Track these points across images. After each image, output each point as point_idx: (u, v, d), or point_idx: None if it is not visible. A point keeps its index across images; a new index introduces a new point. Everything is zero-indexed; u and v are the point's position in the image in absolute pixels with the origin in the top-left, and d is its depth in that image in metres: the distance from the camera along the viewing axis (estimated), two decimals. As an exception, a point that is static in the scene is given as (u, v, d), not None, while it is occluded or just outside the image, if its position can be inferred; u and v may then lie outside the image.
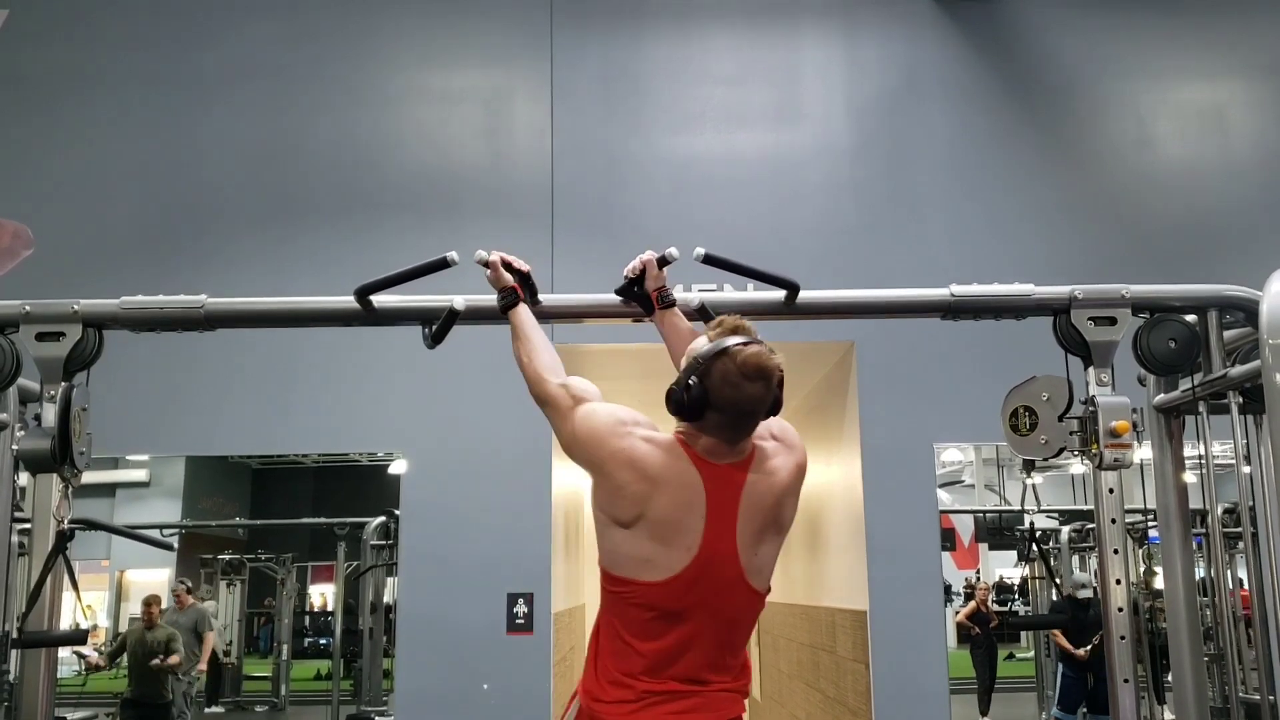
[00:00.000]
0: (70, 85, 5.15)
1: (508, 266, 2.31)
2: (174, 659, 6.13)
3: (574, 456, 2.00)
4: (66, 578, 2.50)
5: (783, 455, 2.03)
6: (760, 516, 1.96)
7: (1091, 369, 2.50)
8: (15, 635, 2.42)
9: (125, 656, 6.20)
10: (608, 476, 1.93)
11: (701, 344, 1.98)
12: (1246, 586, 2.89)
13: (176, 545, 6.85)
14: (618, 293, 2.44)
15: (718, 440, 1.94)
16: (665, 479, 1.91)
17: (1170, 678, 2.77)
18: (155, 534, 6.42)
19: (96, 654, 6.31)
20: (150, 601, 6.23)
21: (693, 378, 1.93)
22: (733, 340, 1.94)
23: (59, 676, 2.60)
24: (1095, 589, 6.33)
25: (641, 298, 2.40)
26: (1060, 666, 6.30)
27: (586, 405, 2.01)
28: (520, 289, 2.31)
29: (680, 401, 1.93)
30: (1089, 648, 5.97)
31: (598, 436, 1.95)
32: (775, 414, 2.01)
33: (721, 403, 1.91)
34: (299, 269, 4.91)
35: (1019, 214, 5.12)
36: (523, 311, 2.27)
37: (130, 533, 4.34)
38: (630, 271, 2.40)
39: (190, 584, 6.63)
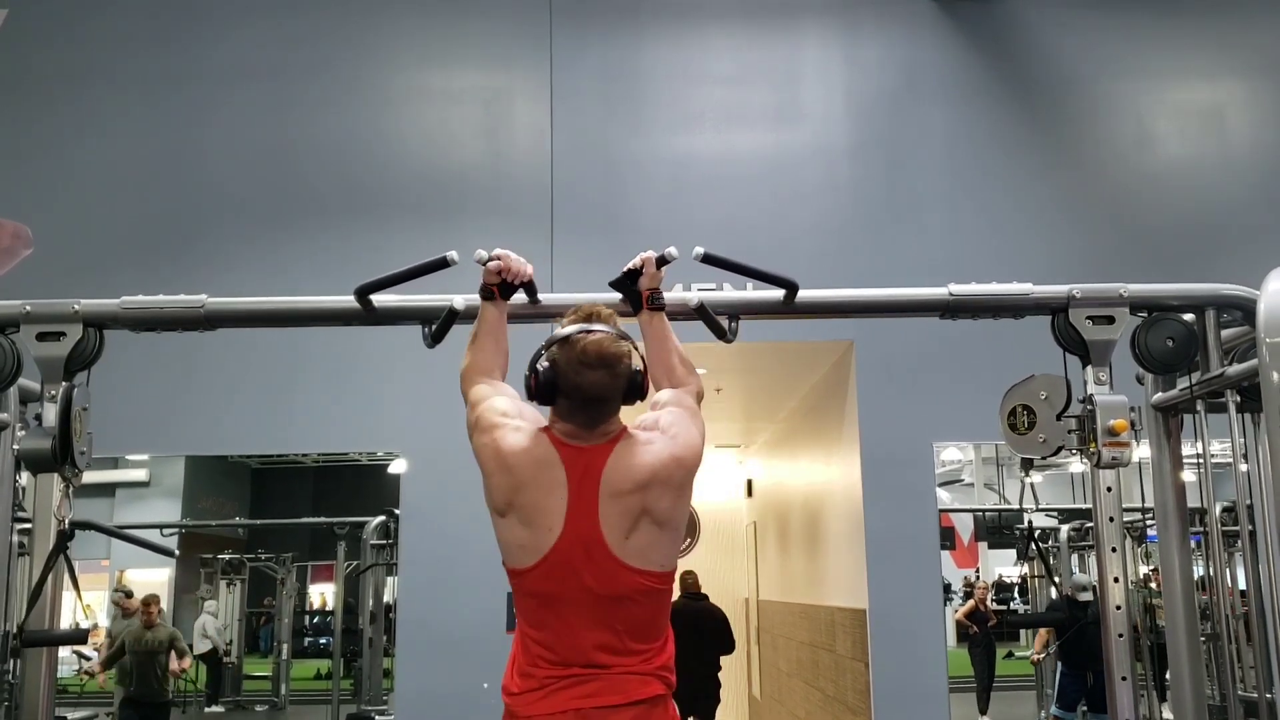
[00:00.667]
0: (70, 85, 5.15)
1: (502, 273, 2.28)
2: (186, 662, 6.20)
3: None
4: (67, 577, 2.50)
5: (658, 444, 2.02)
6: (625, 500, 1.96)
7: (1090, 368, 2.51)
8: (16, 635, 2.42)
9: (127, 657, 6.21)
10: (481, 468, 2.03)
11: (557, 330, 2.04)
12: (1233, 585, 2.90)
13: (178, 551, 6.85)
14: (611, 284, 2.43)
15: (573, 425, 2.00)
16: (526, 465, 1.97)
17: (1169, 675, 2.77)
18: (155, 534, 6.43)
19: (95, 655, 6.30)
20: (149, 601, 6.24)
21: (540, 364, 2.00)
22: (578, 328, 1.99)
23: (58, 676, 2.60)
24: (1095, 587, 6.35)
25: (633, 294, 2.40)
26: (1059, 665, 6.31)
27: (481, 404, 2.09)
28: (497, 290, 2.29)
29: (529, 387, 2.02)
30: (1046, 654, 5.96)
31: (474, 432, 2.05)
32: (635, 400, 2.05)
33: (568, 389, 1.98)
34: (299, 269, 4.92)
35: (1017, 213, 5.13)
36: (487, 309, 2.28)
37: (132, 537, 4.33)
38: (629, 267, 2.39)
39: (130, 591, 6.64)
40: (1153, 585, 6.07)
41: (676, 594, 7.93)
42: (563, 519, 1.94)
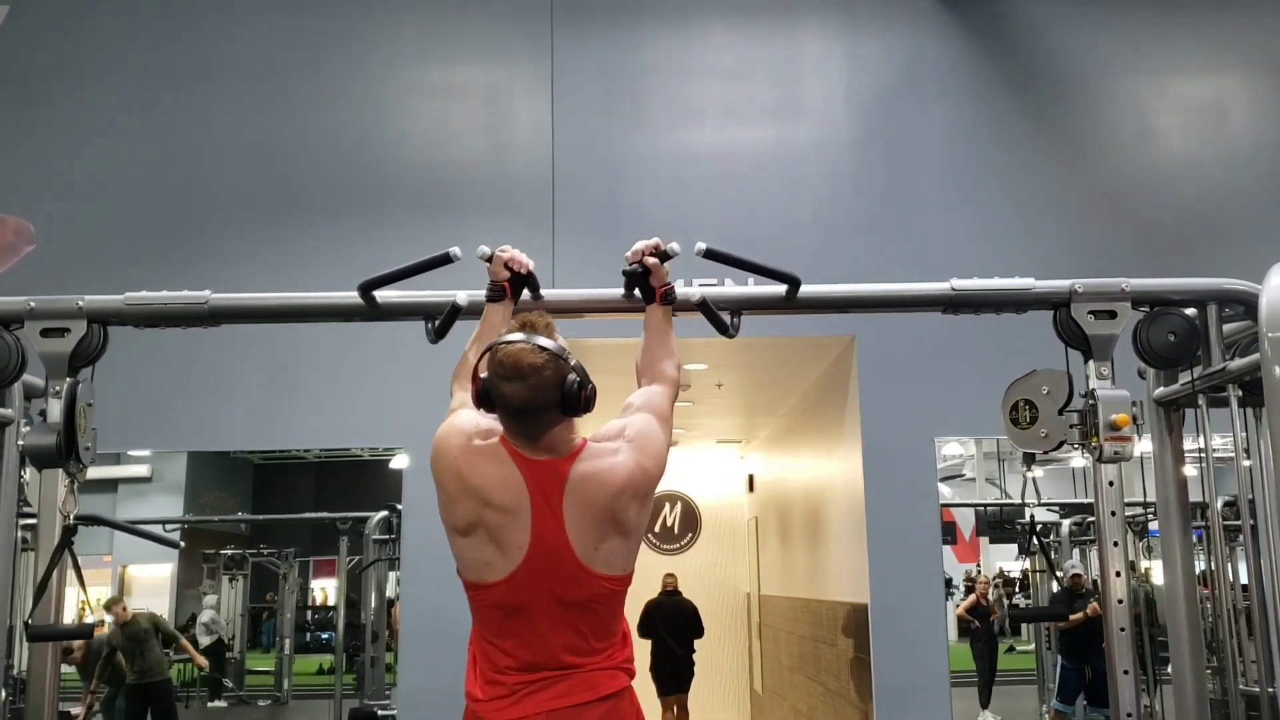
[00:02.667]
0: (73, 81, 5.15)
1: (508, 265, 2.32)
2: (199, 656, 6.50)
3: None
4: (72, 572, 2.51)
5: (623, 454, 1.99)
6: (592, 513, 1.95)
7: (1091, 362, 2.51)
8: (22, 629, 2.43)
9: (119, 653, 6.28)
10: (442, 489, 1.98)
11: None
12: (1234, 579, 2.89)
13: (183, 543, 6.88)
14: (624, 274, 2.42)
15: (516, 435, 1.97)
16: (490, 486, 1.94)
17: (1170, 669, 2.78)
18: (159, 529, 6.46)
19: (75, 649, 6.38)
20: (110, 604, 6.32)
21: (481, 372, 1.99)
22: (505, 338, 1.97)
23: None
24: (1078, 573, 6.36)
25: (647, 288, 2.38)
26: (1059, 659, 6.32)
27: (449, 416, 2.07)
28: (509, 287, 2.32)
29: (475, 395, 2.01)
30: (1078, 615, 5.95)
31: (435, 451, 2.01)
32: (576, 412, 1.97)
33: (497, 399, 1.96)
34: (302, 265, 4.92)
35: (1019, 208, 5.12)
36: (493, 310, 2.30)
37: (137, 530, 4.35)
38: (634, 256, 2.36)
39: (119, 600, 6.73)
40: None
41: (656, 592, 8.35)
42: (529, 534, 1.93)
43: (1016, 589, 7.14)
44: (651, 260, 2.34)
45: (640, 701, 2.08)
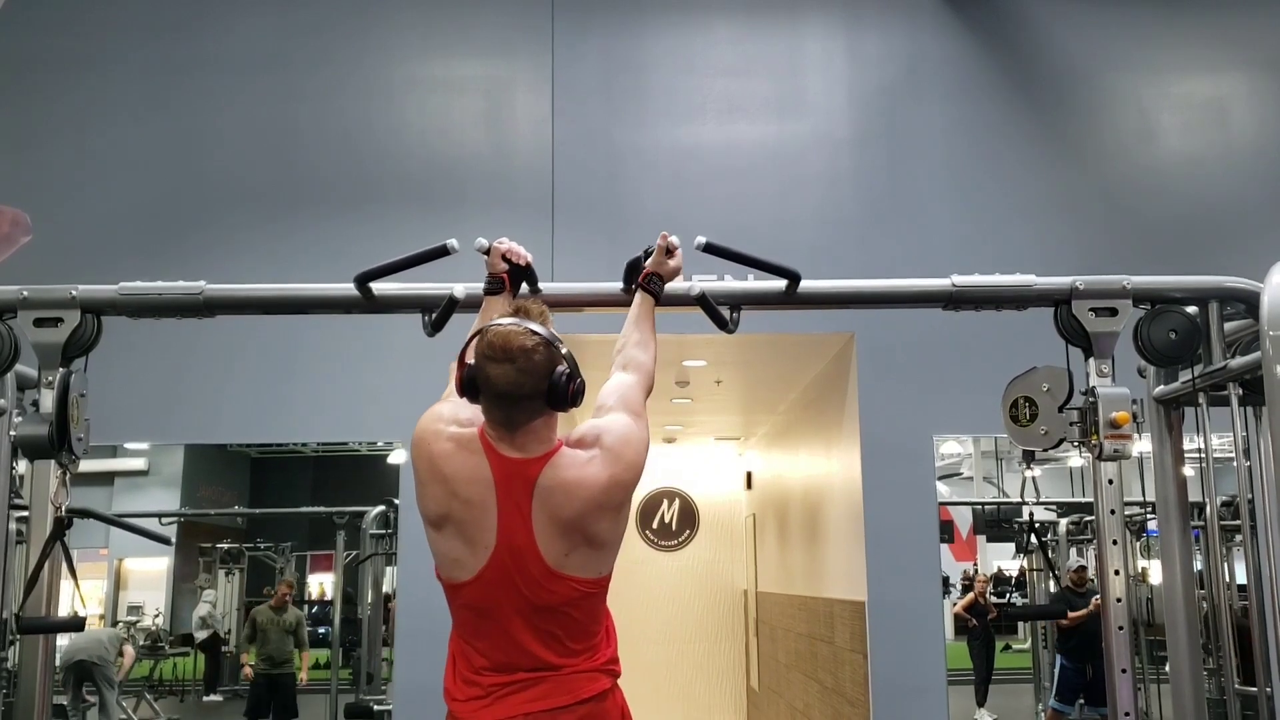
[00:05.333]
0: (72, 72, 5.13)
1: (506, 258, 2.31)
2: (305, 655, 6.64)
3: None
4: (65, 565, 2.50)
5: (596, 466, 1.92)
6: (560, 523, 1.89)
7: (1092, 360, 2.50)
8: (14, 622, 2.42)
9: (258, 636, 6.54)
10: (416, 475, 1.97)
11: None
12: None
13: (174, 539, 6.88)
14: (630, 264, 2.41)
15: (494, 425, 1.93)
16: (460, 476, 1.91)
17: (1168, 668, 2.77)
18: (154, 523, 6.44)
19: (250, 668, 6.58)
20: (287, 584, 6.62)
21: (467, 358, 1.95)
22: (495, 321, 1.94)
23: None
24: (1082, 565, 6.35)
25: (635, 271, 2.37)
26: (1058, 658, 6.31)
27: (435, 405, 2.05)
28: (508, 279, 2.31)
29: (459, 380, 1.97)
30: (1082, 612, 5.94)
31: (413, 437, 1.99)
32: (562, 406, 1.91)
33: (481, 384, 1.91)
34: (299, 258, 4.90)
35: (1020, 205, 5.11)
36: (491, 304, 2.29)
37: (127, 524, 4.33)
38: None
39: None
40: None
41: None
42: (494, 535, 1.88)
43: (1011, 587, 7.13)
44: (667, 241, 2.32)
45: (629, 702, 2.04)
